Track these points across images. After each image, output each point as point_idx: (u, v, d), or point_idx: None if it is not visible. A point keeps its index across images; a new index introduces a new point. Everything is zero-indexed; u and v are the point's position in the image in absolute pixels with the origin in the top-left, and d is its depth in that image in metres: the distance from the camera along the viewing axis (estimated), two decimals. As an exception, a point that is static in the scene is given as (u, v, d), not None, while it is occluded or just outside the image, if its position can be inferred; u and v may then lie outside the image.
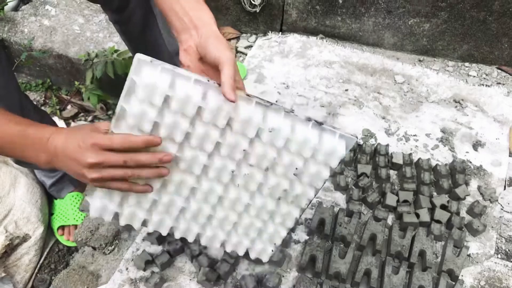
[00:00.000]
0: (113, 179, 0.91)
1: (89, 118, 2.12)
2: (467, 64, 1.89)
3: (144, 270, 1.27)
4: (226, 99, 0.85)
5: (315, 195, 1.03)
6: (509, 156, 1.54)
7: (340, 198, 1.42)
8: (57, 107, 2.10)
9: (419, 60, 1.91)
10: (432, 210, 1.35)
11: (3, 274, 1.41)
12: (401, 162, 1.46)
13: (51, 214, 1.68)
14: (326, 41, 1.95)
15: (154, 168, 0.92)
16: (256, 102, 0.90)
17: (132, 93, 0.86)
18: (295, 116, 0.93)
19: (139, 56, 0.84)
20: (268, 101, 0.91)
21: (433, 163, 1.49)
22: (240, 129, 0.90)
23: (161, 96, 0.84)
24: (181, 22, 0.96)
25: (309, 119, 0.93)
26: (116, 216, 1.07)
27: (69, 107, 2.13)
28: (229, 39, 2.03)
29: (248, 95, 0.90)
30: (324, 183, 1.01)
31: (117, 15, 1.52)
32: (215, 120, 0.89)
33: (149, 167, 0.91)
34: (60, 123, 2.02)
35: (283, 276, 1.24)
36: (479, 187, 1.45)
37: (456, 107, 1.70)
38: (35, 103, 2.05)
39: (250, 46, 1.99)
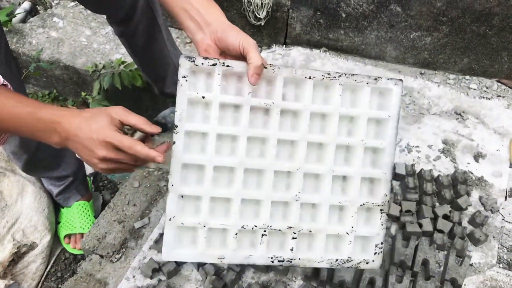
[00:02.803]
0: (118, 169, 0.97)
1: (95, 129, 2.14)
2: (467, 77, 1.92)
3: (151, 278, 1.28)
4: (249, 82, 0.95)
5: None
6: (510, 167, 1.57)
7: (344, 208, 1.44)
8: (64, 117, 2.12)
9: (421, 73, 1.94)
10: (434, 220, 1.37)
11: (12, 281, 1.42)
12: (403, 172, 1.48)
13: (57, 222, 1.70)
14: (329, 54, 1.98)
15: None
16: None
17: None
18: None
19: None
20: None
21: (435, 174, 1.52)
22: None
23: None
24: (193, 21, 0.98)
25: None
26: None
27: (75, 117, 2.15)
28: (234, 52, 2.06)
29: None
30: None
31: (122, 28, 1.54)
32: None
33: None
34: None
35: (288, 285, 1.25)
36: (480, 198, 1.47)
37: (457, 119, 1.72)
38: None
39: (255, 59, 2.02)
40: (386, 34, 1.89)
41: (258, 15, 1.92)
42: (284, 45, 2.04)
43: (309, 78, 1.00)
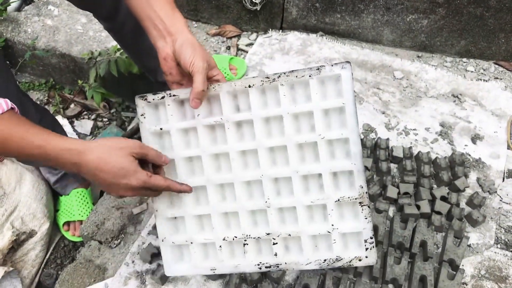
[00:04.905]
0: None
1: (92, 117, 2.14)
2: (465, 59, 1.91)
3: (150, 263, 1.29)
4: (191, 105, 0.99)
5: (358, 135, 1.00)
6: (507, 149, 1.57)
7: (341, 191, 1.44)
8: (61, 106, 2.12)
9: (418, 56, 1.93)
10: (432, 201, 1.37)
11: (11, 268, 1.43)
12: (401, 155, 1.48)
13: (56, 210, 1.70)
14: (326, 38, 1.97)
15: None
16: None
17: None
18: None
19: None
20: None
21: (433, 156, 1.52)
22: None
23: None
24: (156, 29, 1.01)
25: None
26: None
27: (72, 105, 2.15)
28: (230, 37, 2.05)
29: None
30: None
31: (108, 24, 1.53)
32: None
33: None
34: (64, 121, 2.05)
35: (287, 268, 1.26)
36: (478, 179, 1.48)
37: (454, 101, 1.72)
38: (38, 102, 2.07)
39: (251, 44, 2.01)
40: (382, 17, 1.87)
41: (254, 0, 1.90)
42: (281, 30, 2.03)
43: (249, 86, 1.02)
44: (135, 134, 1.99)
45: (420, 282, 1.22)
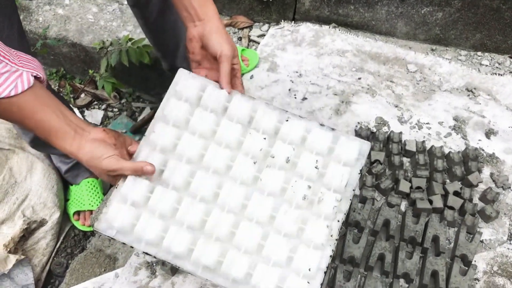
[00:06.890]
0: None
1: (103, 106, 2.14)
2: (479, 53, 1.88)
3: (161, 253, 1.29)
4: (222, 89, 1.05)
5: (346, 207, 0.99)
6: (522, 144, 1.55)
7: (353, 185, 1.43)
8: (71, 95, 2.12)
9: (432, 49, 1.91)
10: (445, 196, 1.36)
11: (22, 257, 1.44)
12: (414, 149, 1.47)
13: (66, 200, 1.70)
14: (339, 30, 1.95)
15: None
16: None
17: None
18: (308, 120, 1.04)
19: None
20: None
21: (446, 150, 1.50)
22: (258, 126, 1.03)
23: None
24: (188, 13, 1.08)
25: (322, 124, 1.04)
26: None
27: (82, 95, 2.15)
28: (242, 28, 2.03)
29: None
30: (352, 190, 1.00)
31: None
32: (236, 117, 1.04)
33: None
34: (75, 111, 2.05)
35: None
36: (491, 174, 1.46)
37: (468, 95, 1.70)
38: (49, 91, 2.08)
39: (263, 35, 1.99)
40: (396, 9, 1.85)
41: (266, -9, 1.89)
42: (293, 21, 2.01)
43: None
44: (145, 125, 1.99)
45: (432, 277, 1.21)
